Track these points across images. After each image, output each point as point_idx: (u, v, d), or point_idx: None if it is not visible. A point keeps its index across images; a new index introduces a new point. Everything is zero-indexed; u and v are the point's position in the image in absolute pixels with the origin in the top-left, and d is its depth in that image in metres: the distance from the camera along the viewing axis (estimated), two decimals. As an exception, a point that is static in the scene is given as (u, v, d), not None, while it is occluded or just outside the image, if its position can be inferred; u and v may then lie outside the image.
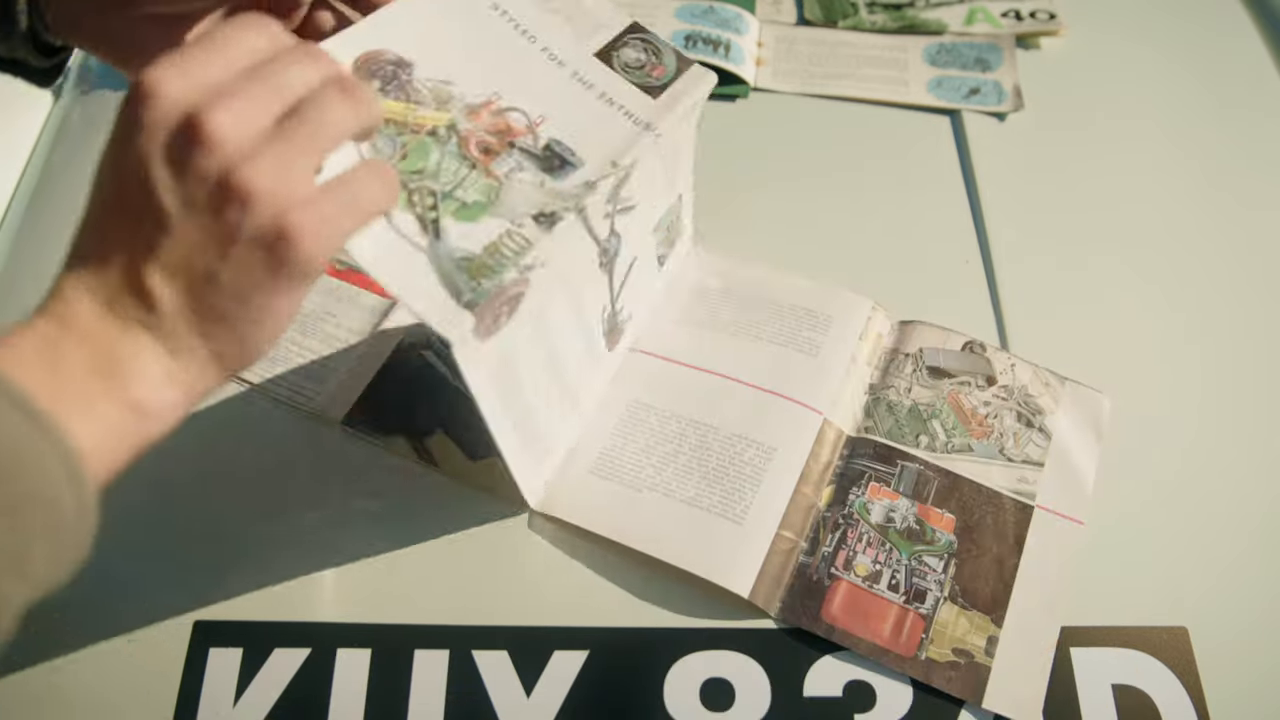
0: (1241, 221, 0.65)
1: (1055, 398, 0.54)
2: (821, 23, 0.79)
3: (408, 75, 0.42)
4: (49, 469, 0.27)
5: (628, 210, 0.47)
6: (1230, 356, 0.58)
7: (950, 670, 0.45)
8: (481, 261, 0.39)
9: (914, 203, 0.66)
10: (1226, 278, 0.62)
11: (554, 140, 0.44)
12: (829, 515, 0.50)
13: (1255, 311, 0.60)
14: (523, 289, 0.40)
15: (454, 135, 0.42)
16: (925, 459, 0.52)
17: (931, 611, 0.47)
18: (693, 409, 0.52)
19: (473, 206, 0.41)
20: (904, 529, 0.49)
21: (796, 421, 0.52)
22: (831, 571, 0.48)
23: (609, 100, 0.47)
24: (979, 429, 0.53)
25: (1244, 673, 0.46)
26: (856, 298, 0.58)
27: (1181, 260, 0.63)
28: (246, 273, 0.30)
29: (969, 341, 0.56)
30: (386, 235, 0.38)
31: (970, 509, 0.50)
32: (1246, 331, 0.59)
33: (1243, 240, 0.64)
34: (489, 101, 0.43)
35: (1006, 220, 0.64)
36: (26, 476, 0.27)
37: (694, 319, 0.57)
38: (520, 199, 0.42)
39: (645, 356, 0.55)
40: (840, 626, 0.46)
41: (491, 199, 0.41)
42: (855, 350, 0.55)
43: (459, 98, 0.43)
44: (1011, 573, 0.48)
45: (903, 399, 0.54)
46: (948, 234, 0.64)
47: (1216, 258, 0.63)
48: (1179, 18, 0.80)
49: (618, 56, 0.48)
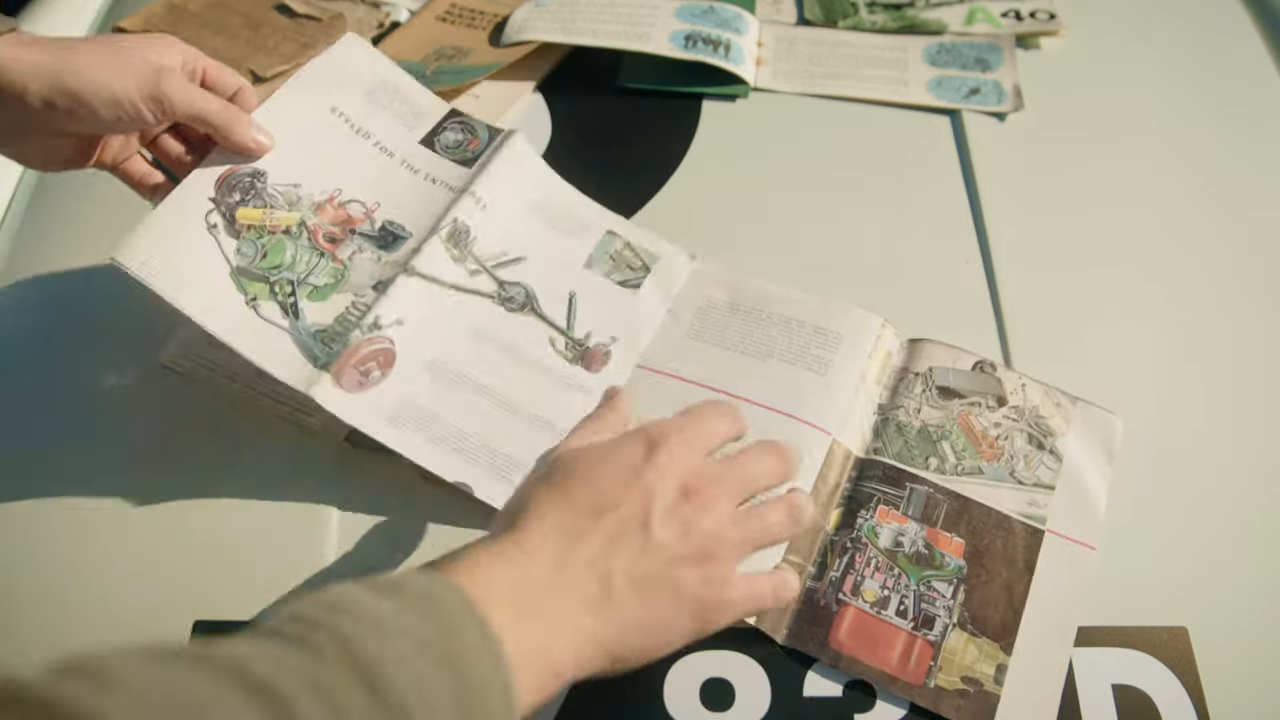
0: (1241, 222, 0.65)
1: (1066, 418, 0.53)
2: (821, 23, 0.79)
3: (262, 183, 0.51)
4: (502, 716, 0.32)
5: (516, 262, 0.56)
6: (1229, 356, 0.58)
7: (959, 699, 0.44)
8: (332, 330, 0.49)
9: (914, 203, 0.66)
10: (1225, 278, 0.62)
11: (388, 221, 0.54)
12: (837, 539, 0.49)
13: (1253, 312, 0.60)
14: (384, 345, 0.49)
15: (304, 230, 0.51)
16: (935, 481, 0.51)
17: (940, 638, 0.46)
18: None
19: (323, 288, 0.50)
20: (913, 553, 0.48)
21: (805, 443, 0.51)
22: (839, 597, 0.47)
23: (432, 180, 0.56)
24: (989, 451, 0.52)
25: (1244, 673, 0.46)
26: (865, 314, 0.57)
27: (1181, 260, 0.63)
28: (682, 606, 0.38)
29: (979, 361, 0.55)
30: (255, 321, 0.48)
31: (980, 533, 0.49)
32: (1245, 331, 0.59)
33: (1243, 241, 0.64)
34: (331, 197, 0.53)
35: (1006, 220, 0.64)
36: (487, 714, 0.31)
37: (701, 335, 0.56)
38: (363, 274, 0.51)
39: (652, 374, 0.55)
40: (847, 653, 0.45)
41: (338, 279, 0.51)
42: (864, 369, 0.55)
43: (306, 198, 0.52)
44: (1021, 599, 0.47)
45: (912, 420, 0.53)
46: (947, 234, 0.64)
47: (1216, 258, 0.63)
48: (1179, 18, 0.80)
49: (439, 140, 0.57)
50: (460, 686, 0.31)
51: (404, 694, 0.29)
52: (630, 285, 0.57)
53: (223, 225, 0.50)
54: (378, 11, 0.78)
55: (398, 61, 0.75)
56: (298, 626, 0.30)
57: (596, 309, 0.56)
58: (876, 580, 0.47)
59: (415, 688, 0.29)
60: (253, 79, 0.72)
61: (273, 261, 0.50)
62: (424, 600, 0.33)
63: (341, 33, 0.75)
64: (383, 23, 0.78)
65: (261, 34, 0.76)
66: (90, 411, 0.54)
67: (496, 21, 0.77)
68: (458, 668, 0.31)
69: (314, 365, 0.48)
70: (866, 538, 0.49)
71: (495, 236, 0.56)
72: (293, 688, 0.27)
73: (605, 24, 0.74)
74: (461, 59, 0.73)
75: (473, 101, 0.70)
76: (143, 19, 0.77)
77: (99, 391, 0.55)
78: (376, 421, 0.49)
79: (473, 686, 0.31)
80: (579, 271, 0.57)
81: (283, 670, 0.27)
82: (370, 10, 0.79)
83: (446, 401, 0.50)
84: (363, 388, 0.49)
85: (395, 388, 0.50)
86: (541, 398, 0.52)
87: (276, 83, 0.72)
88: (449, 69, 0.72)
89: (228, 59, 0.73)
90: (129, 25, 0.76)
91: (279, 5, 0.78)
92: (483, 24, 0.77)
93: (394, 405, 0.49)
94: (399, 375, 0.50)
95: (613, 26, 0.74)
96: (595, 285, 0.57)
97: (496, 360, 0.53)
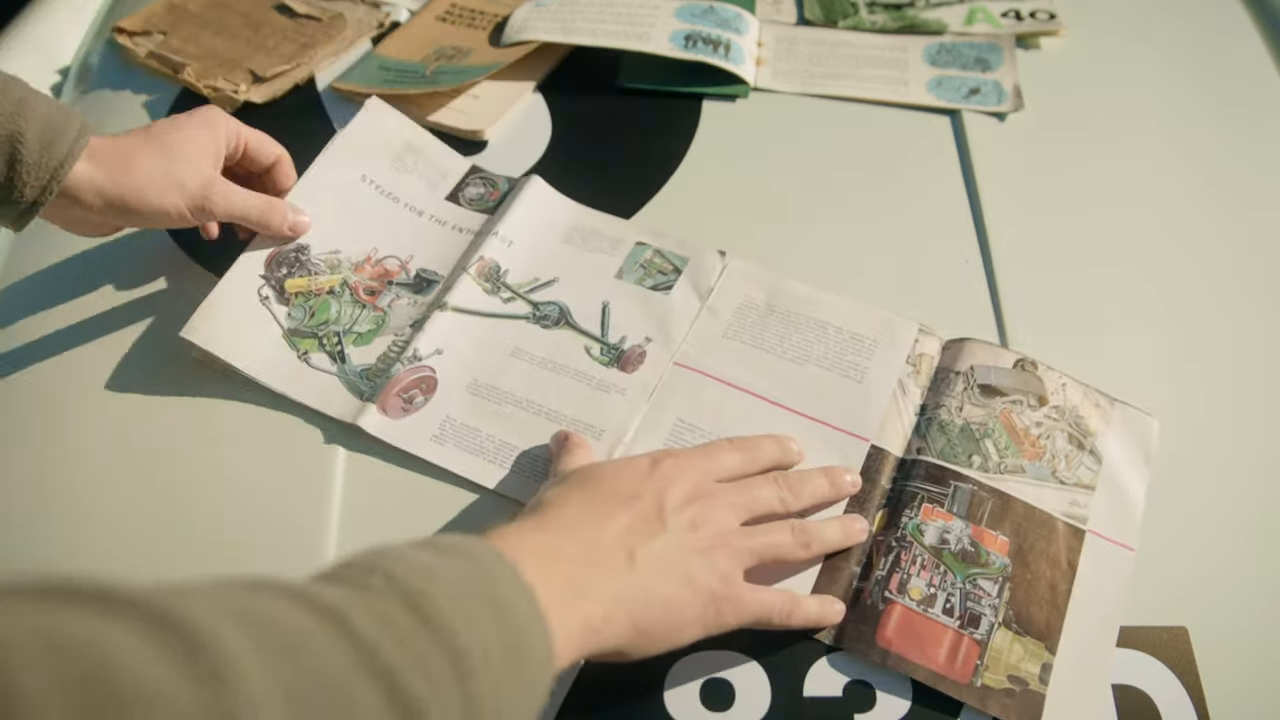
0: (1242, 222, 0.65)
1: (1105, 419, 0.53)
2: (821, 23, 0.79)
3: (306, 256, 0.58)
4: (543, 662, 0.34)
5: (548, 285, 0.59)
6: (1228, 356, 0.58)
7: (1005, 698, 0.44)
8: (376, 367, 0.55)
9: (914, 203, 0.66)
10: (1225, 279, 0.62)
11: (421, 269, 0.59)
12: (882, 539, 0.49)
13: (1252, 313, 0.60)
14: (426, 373, 0.54)
15: (346, 289, 0.58)
16: (978, 479, 0.50)
17: (986, 637, 0.46)
18: (737, 433, 0.52)
19: (366, 334, 0.56)
20: (958, 551, 0.48)
21: (841, 450, 0.51)
22: (885, 595, 0.47)
23: (459, 229, 0.61)
24: (1031, 450, 0.52)
25: (1244, 673, 0.46)
26: (903, 321, 0.57)
27: (1181, 261, 0.63)
28: (697, 592, 0.41)
29: (1020, 359, 0.55)
30: (306, 371, 0.54)
31: (1023, 531, 0.49)
32: (1243, 332, 0.59)
33: (1242, 241, 0.64)
34: (369, 256, 0.59)
35: (1006, 220, 0.64)
36: (533, 665, 0.33)
37: (739, 336, 0.56)
38: (402, 317, 0.57)
39: (689, 372, 0.55)
40: (895, 651, 0.45)
41: (380, 325, 0.57)
42: (903, 376, 0.55)
43: (346, 261, 0.58)
44: (1064, 598, 0.47)
45: (954, 418, 0.53)
46: (947, 234, 0.64)
47: (1216, 258, 0.63)
48: (1179, 18, 0.80)
49: (463, 194, 0.63)
50: (506, 627, 0.33)
51: (450, 621, 0.30)
52: (662, 289, 0.58)
53: (274, 296, 0.56)
54: (378, 11, 0.78)
55: (397, 61, 0.75)
56: (350, 571, 0.32)
57: (630, 314, 0.57)
58: (923, 578, 0.47)
59: (464, 621, 0.31)
60: (252, 79, 0.72)
61: (320, 319, 0.56)
62: (462, 552, 0.35)
63: (341, 32, 0.76)
64: (383, 23, 0.78)
65: (261, 34, 0.76)
66: (90, 411, 0.54)
67: (496, 21, 0.77)
68: (503, 610, 0.33)
69: (360, 399, 0.53)
70: (912, 536, 0.49)
71: (525, 267, 0.60)
72: (353, 611, 0.29)
73: (605, 24, 0.74)
74: (461, 59, 0.73)
75: (472, 101, 0.70)
76: (142, 19, 0.77)
77: (99, 391, 0.55)
78: (421, 441, 0.52)
79: (516, 630, 0.33)
80: (610, 282, 0.59)
81: (345, 598, 0.29)
82: (370, 10, 0.79)
83: (487, 415, 0.53)
84: (406, 413, 0.53)
85: (439, 409, 0.53)
86: (581, 403, 0.54)
87: (276, 82, 0.72)
88: (449, 69, 0.72)
89: (227, 59, 0.73)
90: (129, 25, 0.76)
91: (279, 5, 0.78)
92: (483, 24, 0.77)
93: (438, 425, 0.53)
94: (442, 398, 0.54)
95: (613, 26, 0.74)
96: (628, 293, 0.58)
97: (535, 374, 0.55)
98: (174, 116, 0.54)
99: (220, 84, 0.71)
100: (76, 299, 0.59)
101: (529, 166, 0.67)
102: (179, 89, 0.72)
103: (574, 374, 0.55)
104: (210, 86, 0.71)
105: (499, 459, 0.51)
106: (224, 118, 0.55)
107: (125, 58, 0.76)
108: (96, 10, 0.83)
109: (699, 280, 0.59)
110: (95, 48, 0.78)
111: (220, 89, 0.71)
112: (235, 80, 0.71)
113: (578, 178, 0.65)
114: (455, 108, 0.70)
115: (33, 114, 0.48)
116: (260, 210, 0.56)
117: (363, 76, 0.73)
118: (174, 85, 0.73)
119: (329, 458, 0.52)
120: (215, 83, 0.71)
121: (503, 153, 0.68)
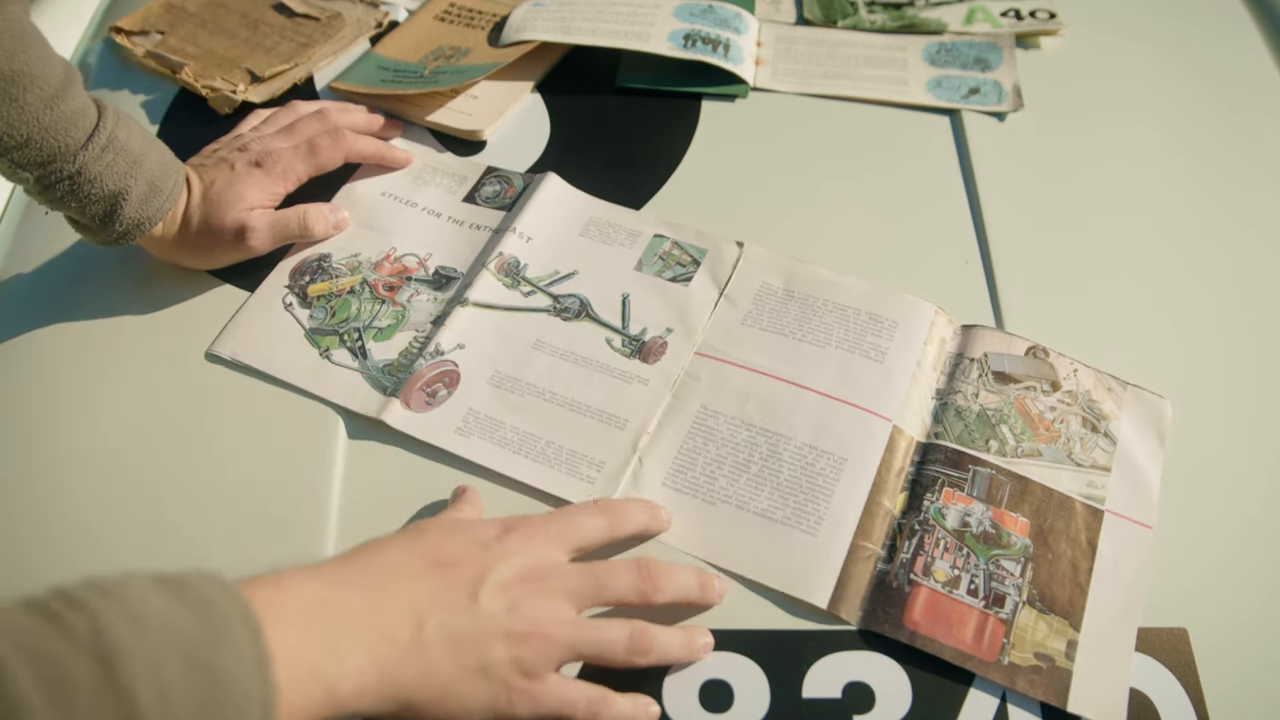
0: (1241, 222, 0.65)
1: (1118, 403, 0.54)
2: (821, 22, 0.79)
3: (328, 263, 0.60)
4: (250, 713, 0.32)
5: (568, 278, 0.59)
6: (1227, 356, 0.58)
7: (1033, 674, 0.45)
8: (398, 363, 0.55)
9: (913, 203, 0.65)
10: (1224, 279, 0.62)
11: (441, 266, 0.60)
12: (904, 521, 0.49)
13: (1251, 313, 0.60)
14: (448, 367, 0.55)
15: (366, 286, 0.59)
16: (996, 463, 0.51)
17: (1011, 616, 0.46)
18: (761, 417, 0.53)
19: (387, 329, 0.57)
20: (980, 533, 0.49)
21: (866, 430, 0.52)
22: (910, 578, 0.47)
23: (477, 226, 0.63)
24: (1046, 434, 0.53)
25: (1244, 673, 0.46)
26: (920, 302, 0.58)
27: (1180, 261, 0.63)
28: (487, 680, 0.39)
29: (1031, 346, 0.56)
30: (328, 368, 0.55)
31: (1043, 513, 0.50)
32: (1242, 332, 0.59)
33: (1242, 241, 0.64)
34: (387, 255, 0.61)
35: (1006, 220, 0.64)
36: (232, 709, 0.31)
37: (759, 322, 0.57)
38: (422, 313, 0.58)
39: (710, 360, 0.55)
40: (923, 633, 0.46)
41: (399, 320, 0.57)
42: (921, 356, 0.55)
43: (365, 262, 0.60)
44: (1086, 576, 0.48)
45: (970, 404, 0.54)
46: (947, 234, 0.63)
47: (1215, 258, 0.63)
48: (1179, 18, 0.80)
49: (480, 193, 0.65)
50: (212, 691, 0.30)
51: (137, 681, 0.29)
52: (681, 280, 0.59)
53: (297, 302, 0.58)
54: (376, 11, 0.78)
55: (396, 61, 0.75)
56: (59, 602, 0.30)
57: (650, 305, 0.58)
58: (946, 560, 0.48)
59: (155, 681, 0.29)
60: (250, 78, 0.72)
61: (340, 317, 0.58)
62: (202, 603, 0.32)
63: (339, 31, 0.75)
64: (381, 22, 0.78)
65: (259, 33, 0.76)
66: (90, 409, 0.54)
67: (495, 21, 0.77)
68: (215, 673, 0.31)
69: (383, 394, 0.54)
70: (934, 519, 0.49)
71: (544, 261, 0.60)
72: (10, 651, 0.27)
73: (604, 23, 0.74)
74: (460, 59, 0.73)
75: (471, 101, 0.70)
76: (140, 18, 0.77)
77: (98, 390, 0.54)
78: (446, 434, 0.52)
79: (227, 695, 0.31)
80: (630, 274, 0.60)
81: (12, 634, 0.28)
82: (369, 9, 0.78)
83: (511, 407, 0.54)
84: (430, 407, 0.53)
85: (462, 403, 0.54)
86: (604, 394, 0.54)
87: (275, 82, 0.72)
88: (448, 69, 0.72)
89: (225, 58, 0.73)
90: (126, 24, 0.76)
91: (277, 4, 0.78)
92: (481, 23, 0.77)
93: (462, 418, 0.53)
94: (465, 391, 0.54)
95: (612, 26, 0.73)
96: (647, 285, 0.59)
97: (557, 366, 0.55)
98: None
99: (218, 83, 0.71)
100: (76, 299, 0.59)
101: (528, 167, 0.67)
102: (177, 88, 0.72)
103: (596, 365, 0.55)
104: (208, 86, 0.71)
105: (524, 450, 0.52)
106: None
107: (123, 57, 0.75)
108: (94, 10, 0.83)
109: (718, 271, 0.59)
110: (93, 47, 0.78)
111: (218, 88, 0.71)
112: (233, 80, 0.71)
113: (577, 178, 0.65)
114: (454, 108, 0.70)
115: (141, 174, 0.52)
116: (300, 221, 0.59)
117: (361, 76, 0.73)
118: (172, 85, 0.73)
119: (341, 453, 0.52)
120: (213, 82, 0.71)
121: (502, 153, 0.68)
